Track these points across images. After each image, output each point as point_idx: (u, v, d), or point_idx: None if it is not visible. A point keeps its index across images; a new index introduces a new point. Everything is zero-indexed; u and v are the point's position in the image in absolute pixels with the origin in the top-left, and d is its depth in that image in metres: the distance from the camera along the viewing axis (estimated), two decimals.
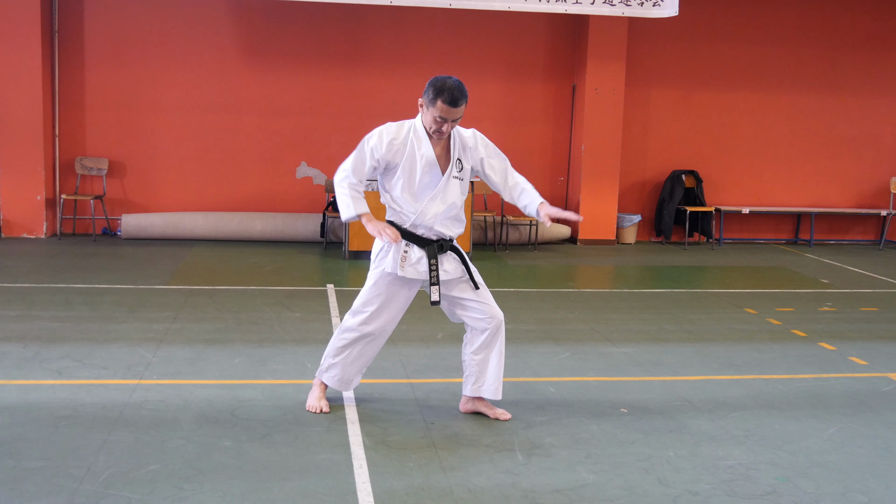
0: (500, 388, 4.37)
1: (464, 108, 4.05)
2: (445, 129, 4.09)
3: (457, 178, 4.23)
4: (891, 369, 5.58)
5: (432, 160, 4.16)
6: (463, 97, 4.03)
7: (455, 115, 4.05)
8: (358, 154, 4.17)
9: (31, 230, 10.07)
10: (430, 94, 4.03)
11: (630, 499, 3.54)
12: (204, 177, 10.54)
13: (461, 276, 4.29)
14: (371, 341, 4.38)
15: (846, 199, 11.81)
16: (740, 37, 11.23)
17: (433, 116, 4.06)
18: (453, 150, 4.22)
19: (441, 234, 4.25)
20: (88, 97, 10.26)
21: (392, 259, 4.25)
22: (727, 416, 4.57)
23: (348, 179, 4.18)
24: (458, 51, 10.73)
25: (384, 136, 4.16)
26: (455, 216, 4.28)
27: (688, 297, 7.81)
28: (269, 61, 10.46)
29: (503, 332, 4.35)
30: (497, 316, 4.29)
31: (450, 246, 4.28)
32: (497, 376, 4.35)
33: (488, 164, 4.30)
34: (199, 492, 3.46)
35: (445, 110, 4.01)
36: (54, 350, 5.39)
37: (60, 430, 4.06)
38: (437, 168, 4.18)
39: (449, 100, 3.99)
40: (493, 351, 4.33)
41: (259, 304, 6.87)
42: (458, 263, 4.29)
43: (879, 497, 3.64)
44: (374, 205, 4.60)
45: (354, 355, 4.40)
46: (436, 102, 4.02)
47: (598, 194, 10.80)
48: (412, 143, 4.17)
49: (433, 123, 4.08)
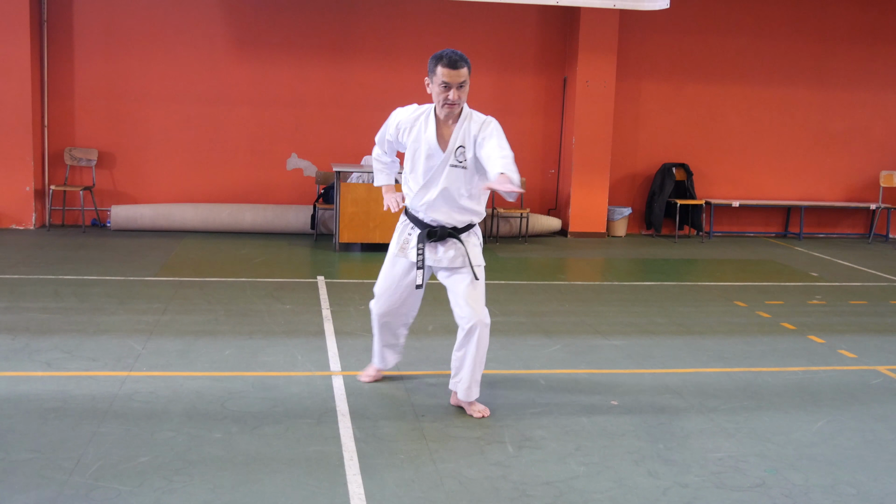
0: (474, 390, 4.29)
1: (466, 71, 4.00)
2: (452, 96, 4.03)
3: (456, 167, 4.15)
4: (879, 362, 5.61)
5: (433, 144, 4.13)
6: (462, 59, 4.01)
7: (457, 78, 4.00)
8: (383, 127, 4.39)
9: (19, 221, 10.02)
10: (431, 65, 4.06)
11: (620, 491, 3.55)
12: (194, 168, 10.50)
13: (458, 266, 4.23)
14: (386, 322, 4.53)
15: (836, 192, 11.86)
16: (731, 30, 11.24)
17: (438, 86, 4.04)
18: (456, 137, 4.14)
19: (438, 220, 4.22)
20: (78, 87, 10.20)
21: (395, 241, 4.37)
22: (717, 409, 4.59)
23: (376, 150, 4.52)
24: (449, 42, 10.67)
25: (396, 115, 4.30)
26: (454, 205, 4.20)
27: (678, 289, 7.83)
28: (259, 52, 10.42)
29: (480, 335, 4.19)
30: (472, 317, 4.16)
31: (449, 233, 4.22)
32: (470, 377, 4.26)
33: (480, 143, 4.09)
34: (189, 484, 3.45)
35: (447, 73, 4.00)
36: (43, 341, 5.37)
37: (50, 421, 4.05)
38: (439, 153, 4.15)
39: (448, 62, 3.99)
40: (468, 351, 4.23)
41: (249, 296, 6.85)
42: (458, 253, 4.24)
43: (868, 489, 3.66)
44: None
45: (377, 334, 4.62)
46: (436, 70, 4.02)
47: (589, 187, 10.81)
48: (420, 126, 4.17)
49: (440, 94, 4.06)
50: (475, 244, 4.32)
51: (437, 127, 4.15)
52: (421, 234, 4.23)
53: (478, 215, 4.30)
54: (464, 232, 4.27)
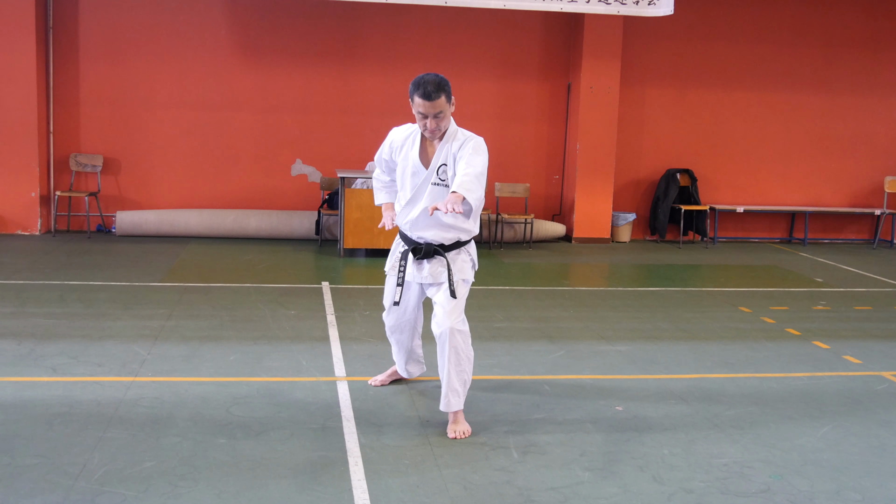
0: (453, 400, 4.15)
1: (442, 101, 3.96)
2: (430, 125, 4.03)
3: (438, 185, 4.11)
4: (884, 368, 5.60)
5: (417, 162, 4.15)
6: (437, 90, 3.93)
7: (432, 109, 3.97)
8: (381, 147, 4.41)
9: (25, 227, 10.05)
10: (411, 90, 4.04)
11: (625, 497, 3.55)
12: (199, 174, 10.52)
13: (442, 281, 4.17)
14: (396, 333, 4.58)
15: (840, 198, 11.84)
16: (735, 36, 11.24)
17: (416, 114, 4.06)
18: (439, 156, 4.11)
19: (424, 237, 4.19)
20: (83, 93, 10.23)
21: (388, 259, 4.44)
22: (721, 415, 4.58)
23: (375, 170, 4.51)
24: (453, 48, 10.73)
25: (391, 135, 4.32)
26: (437, 222, 4.13)
27: (682, 295, 7.83)
28: (264, 58, 10.44)
29: (452, 345, 4.09)
30: (443, 323, 4.07)
31: (435, 250, 4.16)
32: (447, 385, 4.15)
33: (457, 161, 4.04)
34: (194, 489, 3.46)
35: (421, 104, 3.98)
36: (49, 347, 5.38)
37: (55, 427, 4.06)
38: (422, 171, 4.15)
39: (422, 94, 3.95)
40: (444, 361, 4.14)
41: (254, 302, 6.86)
42: (443, 268, 4.17)
43: (873, 495, 3.65)
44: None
45: (393, 345, 4.69)
46: (413, 98, 4.01)
47: (593, 193, 10.82)
48: (408, 145, 4.19)
49: (419, 122, 4.09)
50: (463, 260, 4.22)
51: (423, 145, 4.17)
52: (404, 252, 4.25)
53: (466, 233, 4.20)
54: (451, 250, 4.19)
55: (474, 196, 3.86)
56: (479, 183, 3.91)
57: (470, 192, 3.83)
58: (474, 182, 3.88)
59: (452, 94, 4.07)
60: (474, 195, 3.86)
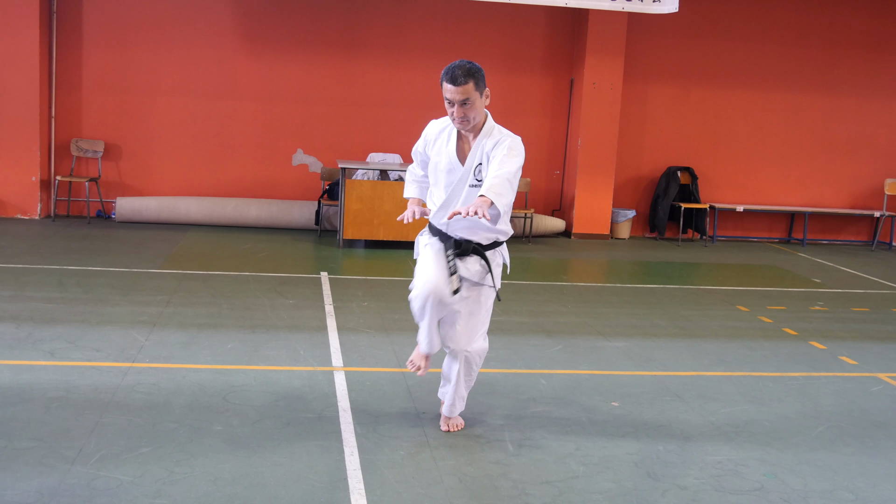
0: (458, 405, 4.12)
1: (470, 87, 3.72)
2: (455, 112, 3.80)
3: (475, 186, 3.85)
4: (880, 369, 5.61)
5: (453, 158, 3.92)
6: (466, 75, 3.72)
7: (458, 96, 3.72)
8: (418, 140, 4.15)
9: (25, 211, 10.05)
10: (441, 78, 3.82)
11: (619, 492, 3.56)
12: (200, 161, 10.52)
13: (477, 281, 3.96)
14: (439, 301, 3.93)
15: (840, 199, 11.85)
16: (739, 35, 11.23)
17: (445, 102, 3.83)
18: (475, 154, 3.87)
19: (462, 237, 3.95)
20: (85, 79, 10.22)
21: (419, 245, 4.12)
22: (717, 412, 4.59)
23: (412, 164, 4.26)
24: (456, 42, 10.71)
25: (427, 128, 4.08)
26: (476, 223, 3.87)
27: (680, 293, 7.84)
28: (267, 47, 10.43)
29: (467, 365, 4.04)
30: (461, 348, 3.97)
31: (474, 249, 3.95)
32: (454, 394, 4.08)
33: (490, 161, 3.81)
34: (189, 475, 3.47)
35: (448, 90, 3.77)
36: (47, 331, 5.39)
37: (53, 411, 4.07)
38: (458, 167, 3.92)
39: (450, 78, 3.74)
40: (454, 371, 4.06)
41: (253, 290, 6.87)
42: (482, 269, 3.97)
43: (866, 495, 3.67)
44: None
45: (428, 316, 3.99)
46: (442, 84, 3.80)
47: (594, 189, 10.82)
48: (443, 139, 3.98)
49: (447, 109, 3.85)
50: (498, 264, 4.05)
51: (459, 140, 3.96)
52: (449, 243, 3.96)
53: (503, 234, 4.02)
54: (489, 249, 4.01)
55: (504, 201, 3.63)
56: (509, 187, 3.67)
57: (499, 196, 3.61)
58: (505, 186, 3.65)
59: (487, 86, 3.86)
60: (504, 200, 3.63)
